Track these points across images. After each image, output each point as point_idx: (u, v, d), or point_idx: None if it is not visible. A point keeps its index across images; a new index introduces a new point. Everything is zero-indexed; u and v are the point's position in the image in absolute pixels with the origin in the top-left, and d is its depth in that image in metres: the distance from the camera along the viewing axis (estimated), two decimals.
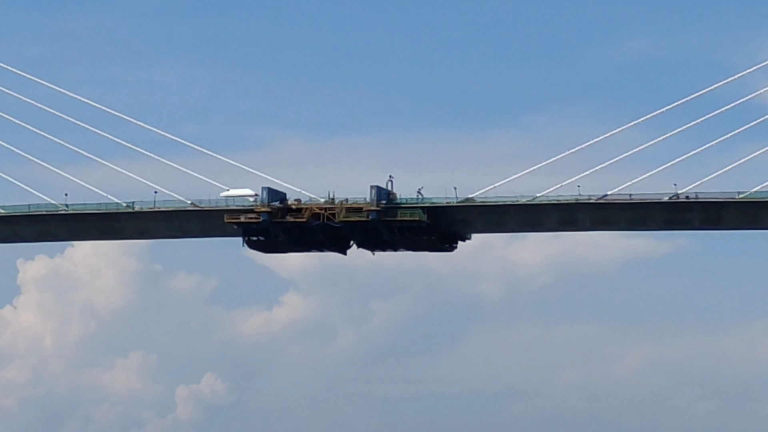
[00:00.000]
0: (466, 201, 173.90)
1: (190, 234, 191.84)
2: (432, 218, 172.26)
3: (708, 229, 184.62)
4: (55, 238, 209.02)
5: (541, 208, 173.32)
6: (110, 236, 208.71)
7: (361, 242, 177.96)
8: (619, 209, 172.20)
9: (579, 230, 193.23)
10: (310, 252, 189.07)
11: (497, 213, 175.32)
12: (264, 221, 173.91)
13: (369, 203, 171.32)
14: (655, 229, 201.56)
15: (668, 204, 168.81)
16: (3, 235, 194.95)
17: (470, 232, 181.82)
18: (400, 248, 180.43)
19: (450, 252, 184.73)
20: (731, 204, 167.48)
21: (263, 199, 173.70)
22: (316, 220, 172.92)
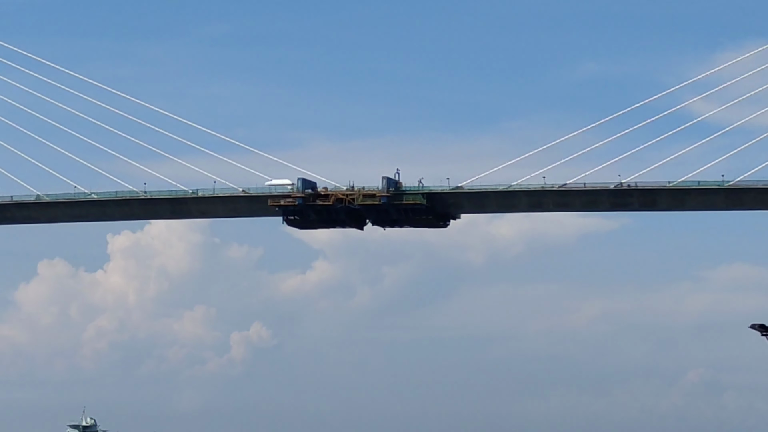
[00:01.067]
0: (457, 189, 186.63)
1: (241, 214, 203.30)
2: (430, 202, 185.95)
3: (645, 211, 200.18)
4: (136, 217, 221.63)
5: (514, 194, 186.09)
6: (179, 216, 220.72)
7: (374, 220, 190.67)
8: (576, 195, 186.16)
9: (545, 211, 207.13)
10: (334, 228, 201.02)
11: (480, 198, 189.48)
12: (299, 204, 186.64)
13: (381, 190, 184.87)
14: (603, 211, 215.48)
15: (614, 191, 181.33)
16: (96, 216, 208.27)
17: (459, 213, 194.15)
18: (405, 225, 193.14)
19: (444, 228, 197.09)
20: (663, 191, 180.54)
21: (298, 187, 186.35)
22: (340, 203, 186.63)
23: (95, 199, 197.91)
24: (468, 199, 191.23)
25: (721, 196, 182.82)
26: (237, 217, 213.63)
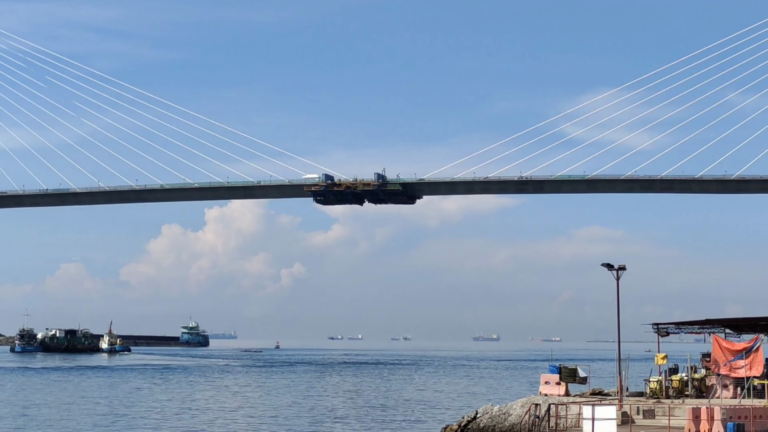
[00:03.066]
0: (420, 180, 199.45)
1: (287, 196, 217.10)
2: (404, 188, 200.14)
3: (536, 194, 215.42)
4: (222, 198, 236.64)
5: (456, 183, 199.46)
6: (248, 197, 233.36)
7: (369, 200, 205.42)
8: (494, 184, 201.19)
9: (475, 194, 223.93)
10: (345, 204, 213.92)
11: (435, 186, 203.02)
12: (323, 190, 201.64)
13: (373, 181, 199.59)
14: (511, 193, 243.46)
15: (517, 181, 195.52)
16: (197, 197, 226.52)
17: (422, 195, 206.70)
18: (388, 203, 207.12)
19: (412, 204, 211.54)
20: (547, 181, 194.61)
21: (322, 179, 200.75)
22: (348, 189, 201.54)
23: (196, 187, 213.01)
24: (427, 187, 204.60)
25: (583, 184, 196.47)
26: (284, 198, 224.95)
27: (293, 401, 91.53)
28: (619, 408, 48.26)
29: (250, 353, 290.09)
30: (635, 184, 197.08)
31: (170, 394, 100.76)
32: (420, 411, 77.57)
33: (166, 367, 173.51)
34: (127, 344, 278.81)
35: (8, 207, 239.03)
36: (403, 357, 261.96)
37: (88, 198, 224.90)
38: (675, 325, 57.82)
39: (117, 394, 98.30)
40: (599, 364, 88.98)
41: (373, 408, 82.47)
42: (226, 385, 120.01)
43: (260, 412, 79.99)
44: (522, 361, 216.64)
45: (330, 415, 75.51)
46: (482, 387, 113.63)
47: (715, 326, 56.75)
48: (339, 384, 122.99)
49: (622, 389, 53.82)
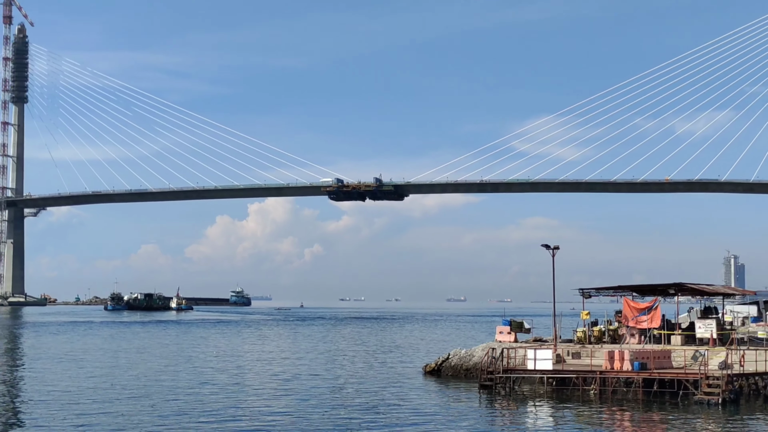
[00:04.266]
0: (407, 183, 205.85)
1: (309, 194, 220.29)
2: (395, 189, 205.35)
3: (494, 192, 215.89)
4: (260, 196, 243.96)
5: (434, 185, 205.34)
6: (280, 195, 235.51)
7: (370, 197, 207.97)
8: (462, 185, 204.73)
9: (448, 193, 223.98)
10: (352, 201, 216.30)
11: (419, 187, 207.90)
12: (335, 190, 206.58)
13: (373, 184, 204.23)
14: (475, 192, 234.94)
15: (479, 183, 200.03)
16: (242, 195, 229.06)
17: (409, 194, 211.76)
18: (384, 200, 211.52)
19: (401, 201, 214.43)
20: (502, 183, 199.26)
21: (335, 182, 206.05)
22: (354, 189, 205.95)
23: (241, 188, 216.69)
24: (413, 188, 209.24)
25: (528, 186, 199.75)
26: (306, 196, 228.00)
27: (312, 345, 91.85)
28: (554, 351, 48.51)
29: (282, 311, 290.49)
30: (566, 186, 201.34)
31: (223, 340, 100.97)
32: (407, 353, 77.62)
33: (219, 320, 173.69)
34: (190, 304, 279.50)
35: (102, 203, 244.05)
36: (395, 314, 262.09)
37: (161, 196, 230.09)
38: (595, 290, 58.14)
39: (183, 340, 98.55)
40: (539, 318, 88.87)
41: (372, 350, 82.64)
42: (263, 333, 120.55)
43: (288, 352, 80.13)
44: (483, 316, 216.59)
45: (339, 355, 75.55)
46: (453, 336, 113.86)
47: (625, 291, 57.01)
48: (347, 333, 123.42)
49: (556, 337, 54.22)
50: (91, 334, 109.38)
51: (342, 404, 40.20)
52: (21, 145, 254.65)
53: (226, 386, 48.58)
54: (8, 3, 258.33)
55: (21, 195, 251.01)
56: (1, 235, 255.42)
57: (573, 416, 36.92)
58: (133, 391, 45.92)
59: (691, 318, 61.28)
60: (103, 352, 77.15)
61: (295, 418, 34.91)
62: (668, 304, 58.21)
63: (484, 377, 47.24)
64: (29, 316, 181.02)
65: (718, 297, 61.23)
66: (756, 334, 55.44)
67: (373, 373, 56.65)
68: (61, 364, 62.71)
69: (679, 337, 51.37)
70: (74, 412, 36.24)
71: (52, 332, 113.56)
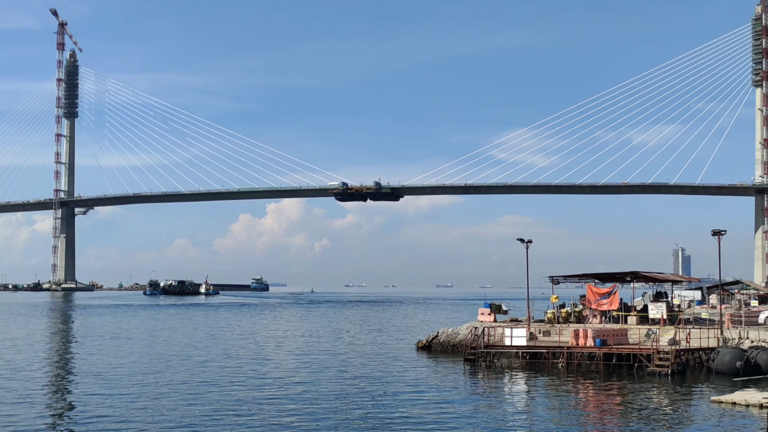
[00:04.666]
0: (402, 186, 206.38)
1: (318, 196, 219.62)
2: (393, 191, 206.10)
3: (477, 194, 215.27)
4: (277, 197, 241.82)
5: (425, 188, 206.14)
6: (293, 197, 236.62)
7: (371, 198, 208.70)
8: (449, 188, 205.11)
9: (438, 194, 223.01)
10: (355, 201, 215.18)
11: (412, 189, 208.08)
12: (341, 192, 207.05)
13: (373, 187, 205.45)
14: (460, 194, 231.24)
15: (464, 186, 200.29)
16: (261, 196, 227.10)
17: (404, 195, 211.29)
18: (382, 200, 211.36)
19: (397, 201, 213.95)
20: (484, 186, 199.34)
21: (340, 185, 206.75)
22: (357, 192, 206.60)
23: (261, 190, 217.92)
24: (407, 190, 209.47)
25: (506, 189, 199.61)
26: (316, 197, 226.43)
27: (321, 325, 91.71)
28: (527, 329, 48.56)
29: (295, 295, 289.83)
30: (538, 188, 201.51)
31: (245, 319, 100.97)
32: (402, 332, 77.67)
33: (242, 303, 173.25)
34: (216, 290, 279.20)
35: (142, 203, 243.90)
36: (391, 298, 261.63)
37: (192, 197, 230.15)
38: (563, 277, 58.16)
39: (211, 321, 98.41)
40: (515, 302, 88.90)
41: (372, 329, 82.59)
42: (279, 314, 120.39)
43: (300, 330, 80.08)
44: (467, 300, 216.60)
45: (344, 333, 75.56)
46: (441, 316, 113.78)
47: (588, 278, 57.07)
48: (350, 314, 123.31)
49: (530, 317, 54.28)
50: (132, 316, 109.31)
51: (346, 375, 40.29)
52: (72, 154, 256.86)
53: (248, 360, 48.68)
54: (61, 32, 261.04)
55: (72, 196, 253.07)
56: (55, 230, 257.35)
57: (544, 385, 37.03)
58: (168, 363, 45.97)
59: (644, 301, 61.36)
60: (143, 330, 76.98)
61: (306, 387, 34.97)
62: (625, 289, 58.40)
63: (468, 352, 47.36)
64: (79, 300, 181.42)
65: (668, 283, 61.33)
66: (700, 315, 55.57)
67: (373, 349, 56.74)
68: (107, 341, 62.71)
69: (635, 318, 51.49)
70: (119, 383, 36.32)
71: (98, 314, 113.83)
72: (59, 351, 54.01)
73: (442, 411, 28.20)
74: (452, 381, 38.08)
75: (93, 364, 45.05)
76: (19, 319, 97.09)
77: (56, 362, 47.05)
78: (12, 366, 42.63)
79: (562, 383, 37.60)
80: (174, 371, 41.15)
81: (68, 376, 39.58)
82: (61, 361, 47.85)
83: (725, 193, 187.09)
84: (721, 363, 39.62)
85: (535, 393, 34.83)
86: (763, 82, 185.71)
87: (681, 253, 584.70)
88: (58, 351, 54.11)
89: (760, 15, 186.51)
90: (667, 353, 40.85)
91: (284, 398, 32.14)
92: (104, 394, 32.31)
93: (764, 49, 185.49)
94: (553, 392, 34.85)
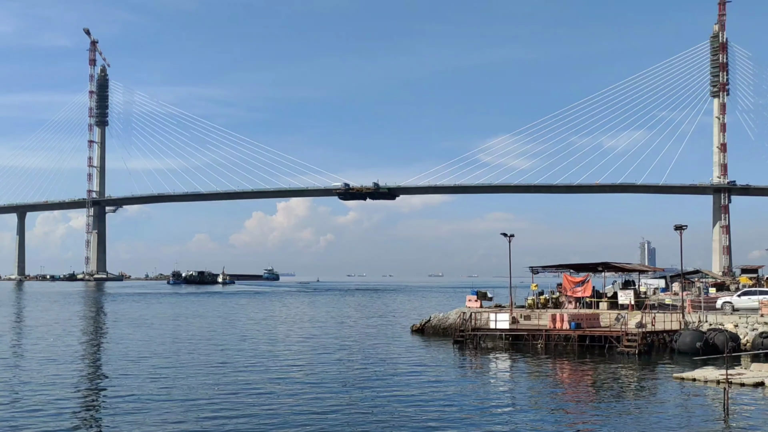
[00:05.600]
0: (399, 186, 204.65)
1: (323, 195, 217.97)
2: (390, 191, 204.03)
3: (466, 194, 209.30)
4: (286, 196, 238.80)
5: (419, 188, 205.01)
6: (300, 196, 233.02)
7: (370, 197, 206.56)
8: (441, 188, 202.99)
9: (430, 194, 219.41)
10: (356, 200, 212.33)
11: (407, 189, 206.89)
12: (344, 191, 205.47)
13: (372, 187, 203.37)
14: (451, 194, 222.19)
15: (454, 187, 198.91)
16: (272, 196, 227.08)
17: (400, 194, 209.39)
18: (380, 199, 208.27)
19: (394, 200, 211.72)
20: (471, 186, 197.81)
21: (343, 186, 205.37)
22: (358, 192, 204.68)
23: (272, 190, 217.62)
24: (403, 190, 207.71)
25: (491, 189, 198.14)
26: (322, 197, 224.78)
27: (326, 310, 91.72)
28: (510, 314, 48.55)
29: (303, 284, 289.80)
30: (520, 189, 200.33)
31: (258, 306, 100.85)
32: (398, 316, 77.62)
33: (256, 292, 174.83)
34: (232, 279, 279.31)
35: (165, 202, 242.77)
36: (389, 286, 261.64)
37: (210, 197, 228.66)
38: (542, 268, 58.15)
39: (228, 307, 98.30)
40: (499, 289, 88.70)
41: (371, 314, 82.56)
42: (289, 301, 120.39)
43: (308, 315, 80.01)
44: (456, 288, 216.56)
45: (346, 317, 75.52)
46: (433, 303, 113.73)
47: (564, 268, 57.06)
48: (351, 301, 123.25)
49: (512, 304, 54.23)
50: (157, 303, 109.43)
51: (347, 356, 40.28)
52: (103, 158, 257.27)
53: (260, 341, 48.71)
54: (93, 49, 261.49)
55: (103, 196, 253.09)
56: (88, 227, 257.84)
57: (525, 364, 37.05)
58: (190, 345, 45.95)
59: (614, 289, 61.41)
60: (168, 316, 77.08)
61: (311, 368, 34.95)
62: (597, 278, 58.37)
63: (457, 335, 47.38)
64: (110, 289, 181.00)
65: (635, 273, 61.34)
66: (664, 301, 55.61)
67: (372, 331, 56.73)
68: (135, 326, 62.57)
69: (606, 304, 51.49)
70: (147, 364, 36.25)
71: (128, 301, 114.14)
72: (92, 336, 53.71)
73: (434, 388, 28.25)
74: (443, 361, 38.11)
75: (123, 347, 45.05)
76: (56, 305, 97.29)
77: (90, 346, 47.02)
78: (51, 350, 42.47)
79: (541, 362, 37.66)
80: (194, 353, 41.18)
81: (100, 359, 39.47)
82: (94, 345, 47.65)
83: (686, 192, 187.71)
84: (683, 344, 39.71)
85: (517, 371, 34.86)
86: (720, 92, 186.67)
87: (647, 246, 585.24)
88: (91, 336, 53.80)
89: (717, 33, 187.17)
90: (635, 335, 40.88)
91: (291, 375, 32.17)
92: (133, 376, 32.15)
93: (721, 63, 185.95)
94: (533, 370, 34.90)
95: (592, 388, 29.49)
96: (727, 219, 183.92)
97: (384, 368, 34.96)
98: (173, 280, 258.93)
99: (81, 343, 46.17)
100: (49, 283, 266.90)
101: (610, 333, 41.44)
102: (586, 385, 30.24)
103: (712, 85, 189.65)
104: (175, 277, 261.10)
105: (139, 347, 43.40)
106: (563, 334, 42.95)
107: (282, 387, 28.97)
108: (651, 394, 27.71)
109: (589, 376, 33.11)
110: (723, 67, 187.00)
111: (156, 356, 39.51)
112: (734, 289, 69.01)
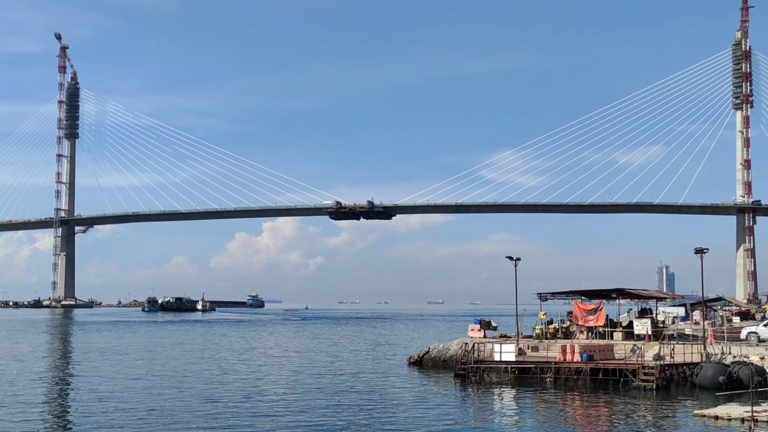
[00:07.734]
0: (394, 205, 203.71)
1: (313, 214, 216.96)
2: (385, 210, 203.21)
3: (467, 213, 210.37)
4: (273, 215, 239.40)
5: (417, 207, 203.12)
6: (289, 215, 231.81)
7: (364, 217, 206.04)
8: (440, 207, 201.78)
9: (429, 213, 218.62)
10: (348, 220, 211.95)
11: (403, 209, 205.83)
12: (335, 211, 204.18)
13: (366, 206, 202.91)
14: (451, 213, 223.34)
15: (454, 206, 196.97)
16: (257, 215, 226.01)
17: (396, 214, 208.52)
18: (375, 219, 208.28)
19: (390, 220, 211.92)
20: (473, 205, 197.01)
21: (335, 204, 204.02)
22: (350, 210, 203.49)
23: (257, 209, 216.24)
24: (399, 209, 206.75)
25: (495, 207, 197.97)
26: (311, 216, 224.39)
27: (315, 340, 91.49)
28: (516, 345, 48.56)
29: (290, 312, 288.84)
30: (526, 207, 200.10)
31: (240, 335, 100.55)
32: (394, 347, 77.46)
33: (239, 320, 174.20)
34: (213, 306, 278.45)
35: (140, 221, 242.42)
36: (384, 314, 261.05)
37: (189, 216, 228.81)
38: (551, 294, 58.19)
39: (208, 336, 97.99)
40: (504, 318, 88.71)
41: (365, 345, 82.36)
42: (275, 330, 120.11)
43: (295, 345, 79.84)
44: (458, 316, 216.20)
45: (338, 349, 75.29)
46: (432, 332, 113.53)
47: (575, 295, 57.15)
48: (343, 331, 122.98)
49: (519, 333, 54.27)
50: (131, 332, 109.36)
51: (339, 390, 40.16)
52: (72, 174, 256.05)
53: (244, 375, 48.49)
54: (63, 56, 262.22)
55: (72, 215, 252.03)
56: (55, 248, 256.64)
57: (532, 400, 37.01)
58: (167, 377, 45.73)
59: (630, 317, 61.48)
60: (142, 346, 76.75)
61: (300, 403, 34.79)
62: (611, 306, 58.42)
63: (458, 367, 47.34)
64: (79, 317, 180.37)
65: (653, 300, 61.50)
66: (684, 331, 55.64)
67: (366, 364, 56.57)
68: (106, 356, 62.26)
69: (620, 334, 51.53)
70: (118, 398, 36.03)
71: (97, 330, 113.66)
72: (59, 367, 53.44)
73: (433, 426, 28.10)
74: (443, 396, 38.03)
75: (93, 379, 44.71)
76: (18, 335, 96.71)
77: (55, 378, 46.67)
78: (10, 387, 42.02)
79: (550, 398, 37.59)
80: (173, 386, 40.90)
81: (68, 392, 39.24)
82: (61, 376, 47.38)
83: (707, 212, 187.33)
84: (704, 378, 39.70)
85: (524, 407, 34.79)
86: (743, 104, 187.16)
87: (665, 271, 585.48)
88: (59, 367, 53.56)
89: (739, 41, 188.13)
90: (652, 368, 40.91)
91: (280, 412, 32.03)
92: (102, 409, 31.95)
93: (744, 73, 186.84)
94: (542, 407, 34.83)
95: (605, 426, 29.48)
96: (752, 242, 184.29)
97: (379, 405, 34.90)
98: (148, 307, 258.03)
99: (44, 380, 45.57)
100: (11, 310, 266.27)
101: (626, 366, 41.49)
102: (599, 424, 30.21)
103: (735, 96, 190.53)
104: (151, 304, 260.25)
105: (109, 383, 43.14)
106: (574, 367, 42.99)
107: (267, 426, 28.85)
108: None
109: (603, 413, 33.09)
110: (746, 77, 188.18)
111: (128, 391, 39.35)
112: (760, 318, 69.15)
